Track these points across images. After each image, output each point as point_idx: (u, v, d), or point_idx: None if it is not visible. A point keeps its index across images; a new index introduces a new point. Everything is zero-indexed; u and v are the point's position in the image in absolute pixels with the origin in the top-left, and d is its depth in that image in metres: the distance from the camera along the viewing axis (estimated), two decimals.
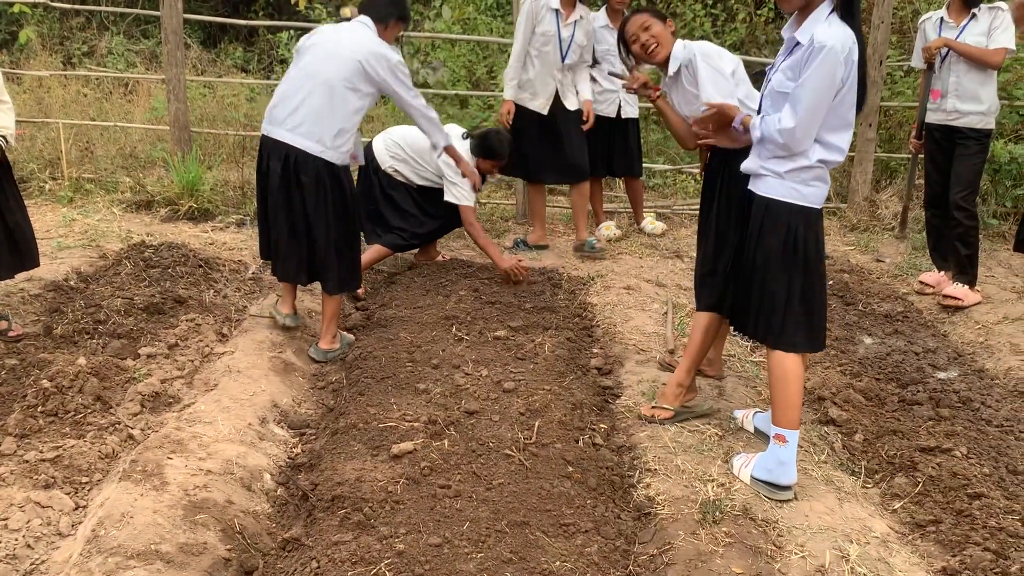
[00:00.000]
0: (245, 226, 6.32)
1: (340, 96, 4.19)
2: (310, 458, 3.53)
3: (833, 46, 2.98)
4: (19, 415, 3.61)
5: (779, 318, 3.22)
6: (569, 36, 5.73)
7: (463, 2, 9.56)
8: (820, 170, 3.17)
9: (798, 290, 3.19)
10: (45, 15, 9.66)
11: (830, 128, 3.12)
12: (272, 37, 10.09)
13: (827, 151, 3.14)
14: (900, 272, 6.06)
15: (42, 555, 2.90)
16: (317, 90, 4.17)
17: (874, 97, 6.91)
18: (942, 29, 5.49)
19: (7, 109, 4.30)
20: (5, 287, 4.78)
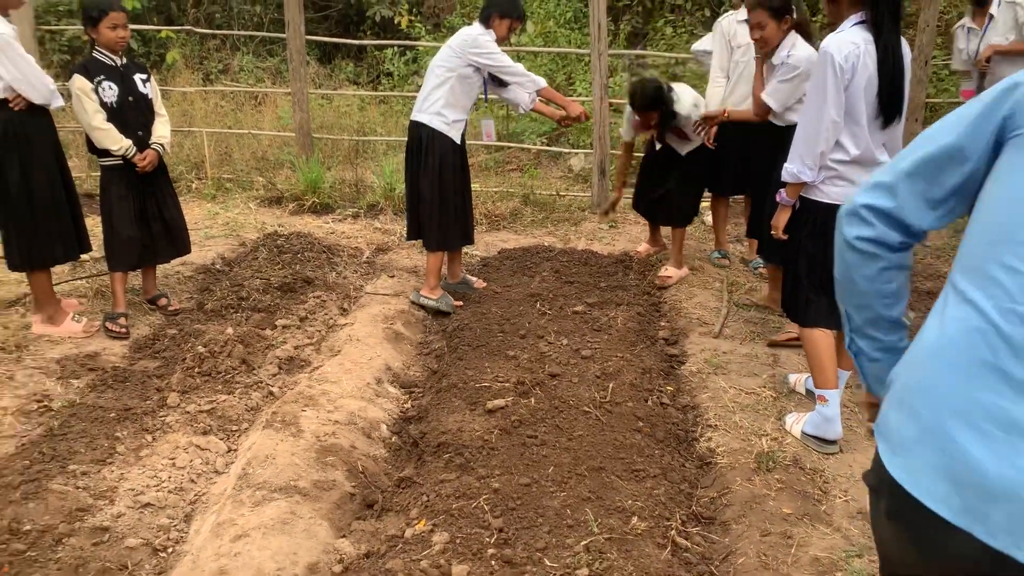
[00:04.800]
0: (360, 218, 6.53)
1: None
2: (418, 412, 3.70)
3: (825, 51, 2.98)
4: (180, 375, 3.88)
5: (803, 301, 3.26)
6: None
7: (544, 17, 9.62)
8: (839, 169, 3.14)
9: (817, 277, 3.21)
10: (188, 39, 10.01)
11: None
12: (378, 53, 10.30)
13: (836, 151, 3.12)
14: (942, 253, 5.93)
15: (203, 488, 3.14)
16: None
17: (920, 94, 6.73)
18: (969, 36, 5.32)
19: (164, 121, 4.54)
20: (164, 270, 5.08)
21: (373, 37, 10.47)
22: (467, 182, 4.83)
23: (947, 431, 1.23)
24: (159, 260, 4.70)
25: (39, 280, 4.24)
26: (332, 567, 2.69)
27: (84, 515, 2.88)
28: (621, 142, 5.40)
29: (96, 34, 4.16)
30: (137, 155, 4.29)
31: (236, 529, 2.74)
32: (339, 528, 2.88)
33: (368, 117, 8.70)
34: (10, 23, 3.95)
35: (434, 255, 4.72)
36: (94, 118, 4.17)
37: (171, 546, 2.82)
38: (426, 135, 4.56)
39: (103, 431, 3.42)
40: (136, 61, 4.48)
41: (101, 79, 4.18)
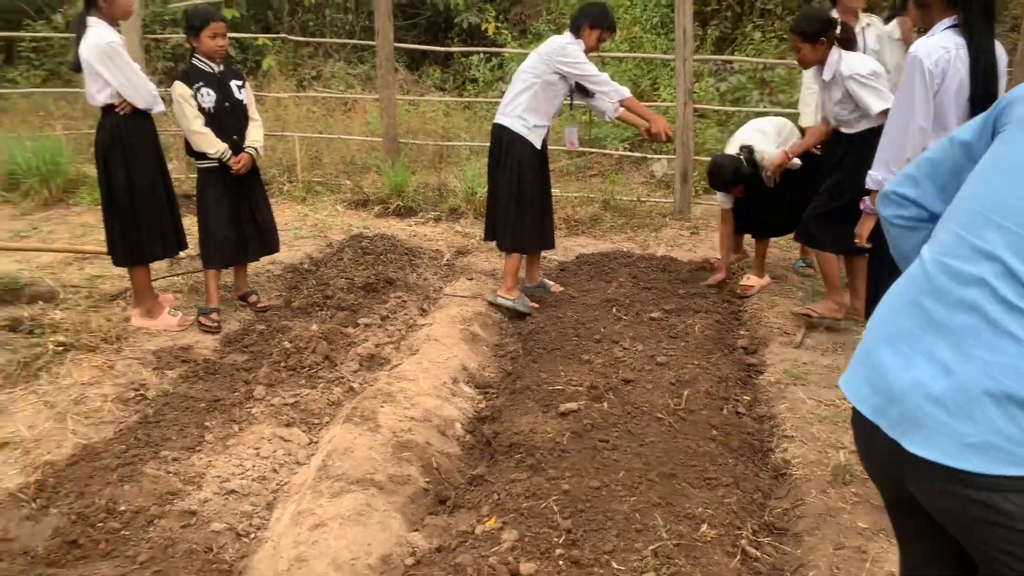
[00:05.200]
0: (442, 221, 6.65)
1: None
2: (492, 412, 3.76)
3: (914, 56, 2.90)
4: (267, 369, 4.05)
5: None
6: (861, 46, 4.90)
7: (630, 23, 9.60)
8: None
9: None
10: (283, 46, 10.38)
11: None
12: (464, 60, 10.46)
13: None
14: None
15: (285, 478, 3.27)
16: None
17: None
18: None
19: (257, 126, 4.73)
20: (255, 268, 5.29)
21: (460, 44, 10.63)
22: (546, 187, 4.87)
23: (875, 349, 1.56)
24: (250, 259, 4.90)
25: (139, 276, 4.48)
26: (404, 559, 2.77)
27: (174, 499, 3.04)
28: (722, 210, 5.15)
29: (197, 42, 4.38)
30: (232, 158, 4.48)
31: (315, 518, 2.84)
32: (412, 522, 2.96)
33: (453, 122, 8.84)
34: (119, 32, 4.20)
35: (511, 257, 4.78)
36: (193, 123, 4.38)
37: (253, 532, 2.94)
38: (507, 138, 4.64)
39: (193, 420, 3.59)
40: (233, 68, 4.70)
41: (200, 85, 4.39)
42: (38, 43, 10.16)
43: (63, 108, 8.96)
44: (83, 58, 4.09)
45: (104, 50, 4.04)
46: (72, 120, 8.59)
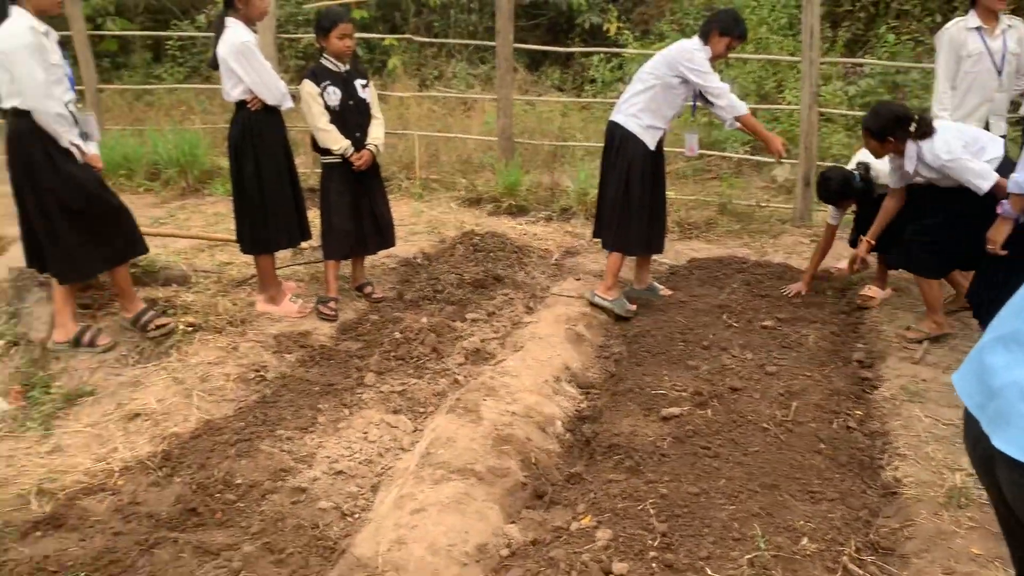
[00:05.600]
0: (553, 221, 6.71)
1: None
2: (593, 412, 3.78)
3: None
4: (378, 357, 4.20)
5: None
6: (1001, 48, 4.73)
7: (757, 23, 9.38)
8: None
9: None
10: (408, 46, 10.69)
11: None
12: (584, 60, 10.48)
13: None
14: None
15: (389, 462, 3.40)
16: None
17: None
18: None
19: (379, 123, 4.89)
20: (371, 261, 5.49)
21: (581, 44, 10.66)
22: (659, 189, 4.84)
23: (988, 348, 1.63)
24: (369, 252, 5.08)
25: (264, 264, 4.73)
26: (500, 550, 2.83)
27: (286, 475, 3.21)
28: (827, 223, 5.03)
29: (326, 42, 4.59)
30: (354, 154, 4.67)
31: (415, 503, 2.94)
32: (509, 514, 3.01)
33: (569, 123, 8.88)
34: (254, 32, 4.45)
35: (613, 256, 4.78)
36: (319, 120, 4.59)
37: (358, 512, 3.07)
38: (619, 135, 4.64)
39: (308, 402, 3.78)
40: (359, 67, 4.88)
41: (327, 84, 4.59)
42: (183, 42, 10.83)
43: (202, 103, 9.52)
44: (220, 56, 4.36)
45: (239, 49, 4.29)
46: (210, 115, 9.12)
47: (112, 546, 2.80)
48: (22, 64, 3.70)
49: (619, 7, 11.03)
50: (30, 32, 3.72)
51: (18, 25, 3.72)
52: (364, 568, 2.65)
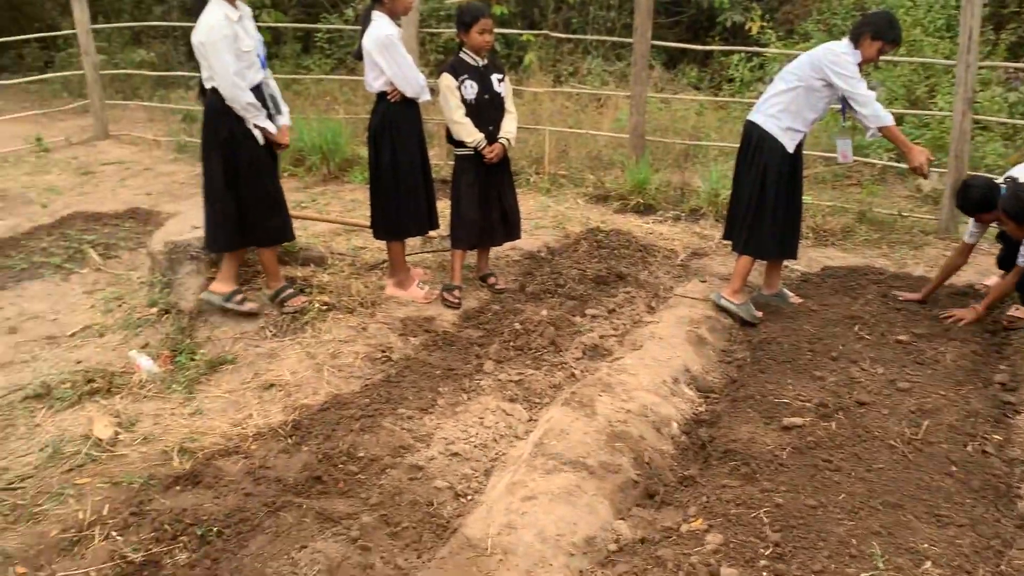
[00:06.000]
0: (681, 221, 6.63)
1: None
2: (711, 417, 3.73)
3: None
4: (498, 346, 4.29)
5: None
6: None
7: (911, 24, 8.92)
8: None
9: None
10: (545, 42, 10.77)
11: None
12: (724, 59, 10.26)
13: None
14: None
15: (503, 449, 3.47)
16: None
17: None
18: None
19: (512, 118, 4.97)
20: (496, 252, 5.59)
21: (721, 43, 10.45)
22: (796, 193, 4.71)
23: None
24: (494, 243, 5.19)
25: (395, 250, 4.91)
26: (608, 544, 2.85)
27: (405, 453, 3.34)
28: (961, 241, 4.78)
29: (466, 37, 4.71)
30: (486, 147, 4.77)
31: (526, 491, 3.01)
32: (619, 510, 3.03)
33: (704, 122, 8.72)
34: (398, 25, 4.62)
35: (743, 259, 4.68)
36: (455, 113, 4.72)
37: (470, 494, 3.16)
38: (757, 136, 4.54)
39: (429, 385, 3.91)
40: (496, 62, 4.99)
41: (464, 78, 4.71)
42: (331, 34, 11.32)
43: (346, 94, 9.93)
44: (364, 48, 4.55)
45: (382, 42, 4.47)
46: (353, 105, 9.50)
47: (242, 505, 3.00)
48: (217, 55, 4.07)
49: (763, 6, 10.73)
50: (225, 24, 4.08)
51: (215, 17, 4.09)
52: (474, 548, 2.73)
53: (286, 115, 4.51)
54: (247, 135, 4.26)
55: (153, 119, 10.46)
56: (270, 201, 4.41)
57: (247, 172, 4.31)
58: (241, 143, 4.27)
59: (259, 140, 4.29)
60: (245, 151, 4.28)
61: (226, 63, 4.09)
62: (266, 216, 4.40)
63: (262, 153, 4.34)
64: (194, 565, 2.71)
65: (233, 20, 4.13)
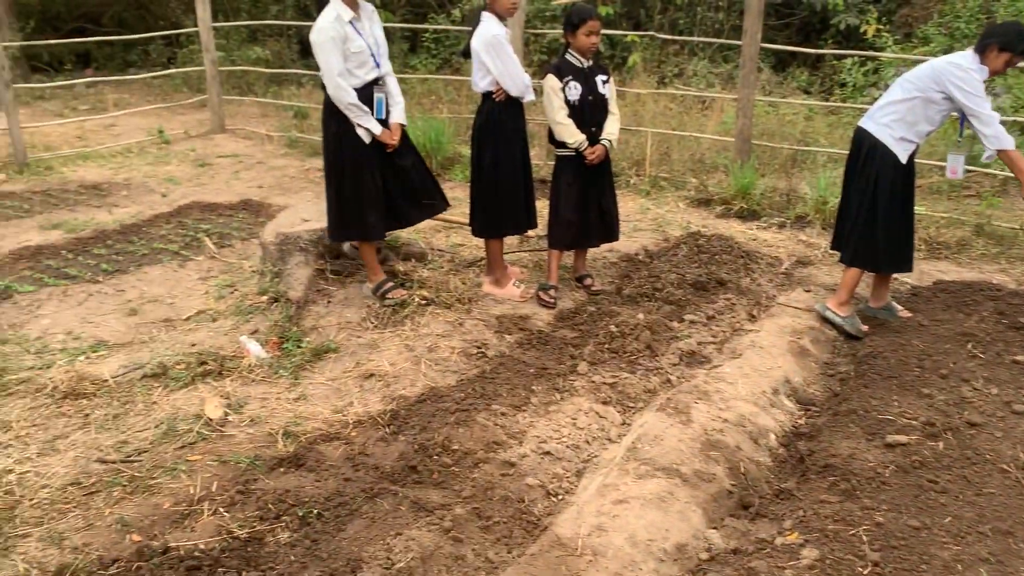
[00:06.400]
0: (786, 228, 6.47)
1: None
2: (810, 430, 3.64)
3: None
4: (592, 348, 4.30)
5: None
6: None
7: None
8: None
9: None
10: (650, 43, 10.68)
11: None
12: (836, 63, 9.95)
13: None
14: None
15: (595, 451, 3.49)
16: None
17: None
18: None
19: (615, 119, 4.95)
20: (593, 253, 5.59)
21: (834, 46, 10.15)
22: (908, 204, 4.54)
23: None
24: (591, 244, 5.19)
25: (493, 247, 4.98)
26: (699, 552, 2.83)
27: (498, 448, 3.39)
28: None
29: (572, 38, 4.73)
30: (588, 149, 4.78)
31: (618, 494, 3.02)
32: (711, 519, 3.00)
33: (813, 127, 8.50)
34: (505, 26, 4.68)
35: (851, 271, 4.55)
36: (558, 113, 4.75)
37: (561, 494, 3.19)
38: (868, 144, 4.40)
39: (522, 382, 3.95)
40: (600, 63, 4.99)
41: (569, 79, 4.74)
42: (437, 35, 11.54)
43: (450, 94, 10.10)
44: (473, 48, 4.63)
45: (490, 41, 4.54)
46: (456, 104, 9.66)
47: (342, 490, 3.11)
48: (323, 55, 4.28)
49: (880, 8, 10.36)
50: (334, 25, 4.27)
51: (326, 18, 4.30)
52: (564, 548, 2.76)
53: (398, 113, 4.63)
54: (353, 133, 4.43)
55: (266, 114, 10.90)
56: (368, 199, 4.54)
57: (349, 168, 4.49)
58: (347, 139, 4.45)
59: (364, 139, 4.43)
60: (349, 148, 4.47)
61: (331, 63, 4.27)
62: (362, 213, 4.54)
63: (366, 151, 4.48)
64: (294, 545, 2.82)
65: (344, 20, 4.29)
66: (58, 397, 3.83)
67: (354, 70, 4.35)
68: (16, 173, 8.17)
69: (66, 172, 8.28)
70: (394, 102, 4.63)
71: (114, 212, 6.90)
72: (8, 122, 8.20)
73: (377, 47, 4.49)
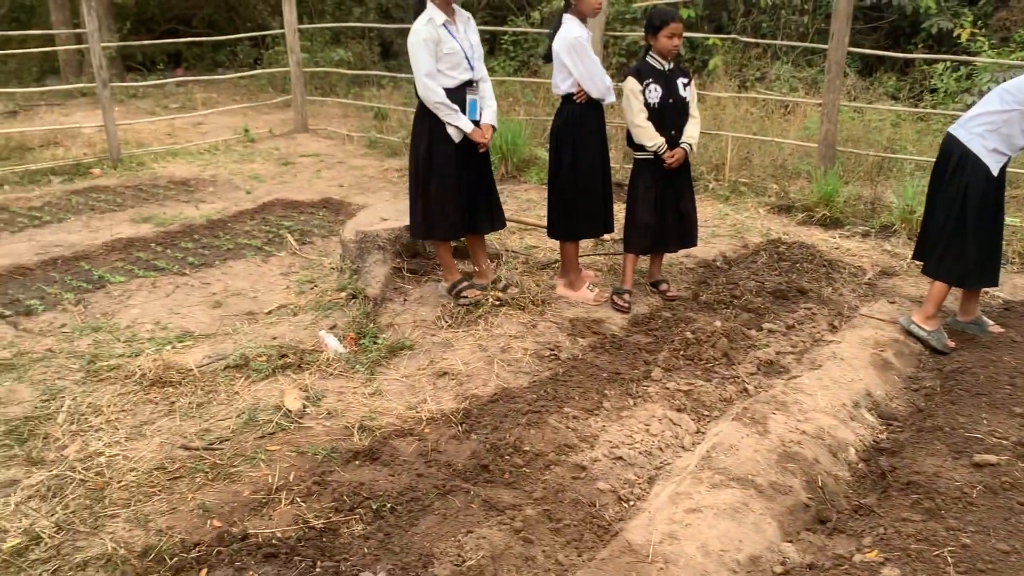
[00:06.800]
0: (870, 237, 6.29)
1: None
2: (892, 445, 3.53)
3: None
4: (666, 354, 4.26)
5: None
6: None
7: None
8: None
9: None
10: (732, 46, 10.53)
11: None
12: (926, 68, 9.63)
13: None
14: None
15: (668, 459, 3.45)
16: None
17: None
18: None
19: (695, 123, 4.89)
20: (669, 259, 5.54)
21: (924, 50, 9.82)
22: (998, 216, 4.36)
23: None
24: (668, 249, 5.13)
25: (568, 250, 4.98)
26: (773, 566, 2.78)
27: (569, 451, 3.39)
28: None
29: (654, 40, 4.69)
30: (667, 152, 4.74)
31: (691, 503, 2.98)
32: (787, 532, 2.94)
33: (900, 134, 8.24)
34: (587, 28, 4.68)
35: (938, 284, 4.39)
36: (637, 116, 4.72)
37: (632, 500, 3.17)
38: (958, 153, 4.24)
39: (595, 386, 3.94)
40: (681, 66, 4.94)
41: (649, 82, 4.70)
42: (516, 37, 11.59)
43: (527, 96, 10.13)
44: (554, 50, 4.64)
45: (571, 44, 4.54)
46: (533, 107, 9.69)
47: (414, 485, 3.15)
48: (415, 55, 4.39)
49: (976, 11, 9.98)
50: (427, 27, 4.38)
51: (420, 21, 4.42)
52: (634, 554, 2.74)
53: (489, 116, 4.69)
54: (443, 134, 4.49)
55: (347, 115, 11.13)
56: (452, 199, 4.59)
57: (437, 167, 4.55)
58: (437, 140, 4.52)
59: (454, 138, 4.49)
60: (438, 147, 4.53)
61: (421, 63, 4.35)
62: (445, 213, 4.59)
63: (454, 152, 4.54)
64: (368, 537, 2.87)
65: (438, 24, 4.38)
66: (146, 384, 3.99)
67: (448, 71, 4.44)
68: (110, 168, 8.54)
69: (156, 168, 8.61)
70: (486, 105, 4.69)
71: (201, 208, 7.14)
72: (104, 119, 8.57)
73: (472, 51, 4.57)
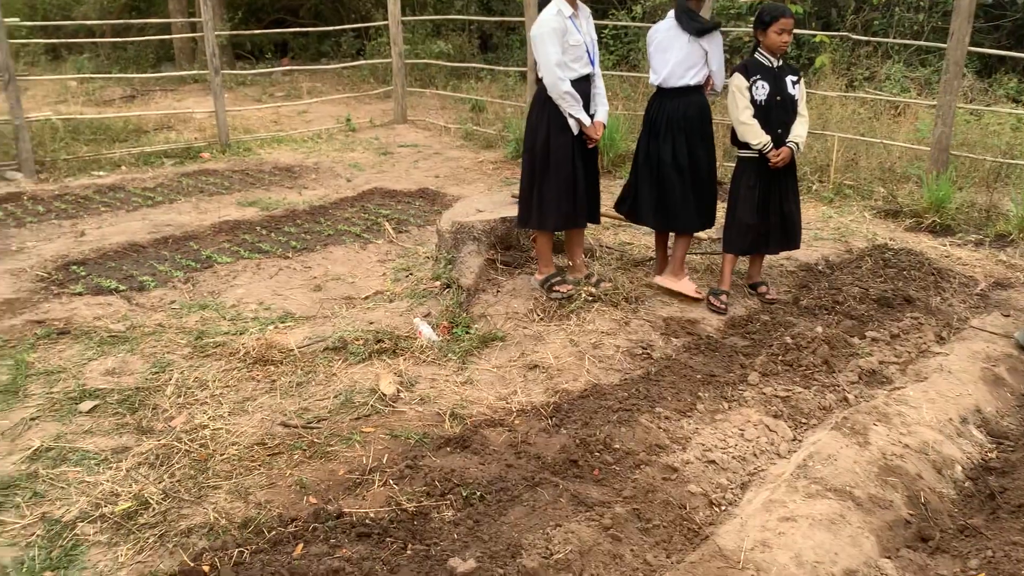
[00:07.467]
0: (984, 246, 6.00)
1: None
2: (1003, 465, 3.37)
3: None
4: (764, 358, 4.16)
5: None
6: None
7: None
8: None
9: None
10: (840, 44, 10.19)
11: None
12: None
13: None
14: None
15: (762, 465, 3.38)
16: None
17: None
18: None
19: (803, 121, 4.74)
20: (769, 261, 5.40)
21: None
22: None
23: None
24: (770, 251, 5.01)
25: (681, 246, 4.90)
26: None
27: (660, 452, 3.35)
28: None
29: (763, 36, 4.58)
30: (772, 151, 4.62)
31: (785, 511, 2.91)
32: (885, 548, 2.84)
33: (1021, 139, 7.82)
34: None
35: None
36: (742, 113, 4.62)
37: (724, 505, 3.12)
38: None
39: (688, 388, 3.88)
40: (790, 63, 4.81)
41: (756, 78, 4.60)
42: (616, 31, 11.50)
43: (625, 90, 10.04)
44: None
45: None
46: (631, 101, 9.59)
47: (504, 475, 3.18)
48: (543, 45, 4.44)
49: None
50: (556, 18, 4.45)
51: (548, 11, 4.50)
52: (725, 560, 2.69)
53: (602, 113, 4.70)
54: (562, 124, 4.53)
55: (445, 107, 11.26)
56: (566, 190, 4.61)
57: (555, 157, 4.57)
58: (555, 130, 4.55)
59: (572, 130, 4.53)
60: (555, 139, 4.56)
61: (549, 53, 4.41)
62: (558, 203, 4.60)
63: (570, 144, 4.57)
64: (458, 523, 2.91)
65: (565, 15, 4.45)
66: (249, 362, 4.14)
67: (570, 63, 4.48)
68: (219, 152, 8.88)
69: (262, 154, 8.91)
70: (600, 102, 4.71)
71: (303, 194, 7.36)
72: (215, 105, 8.92)
73: (592, 45, 4.62)
